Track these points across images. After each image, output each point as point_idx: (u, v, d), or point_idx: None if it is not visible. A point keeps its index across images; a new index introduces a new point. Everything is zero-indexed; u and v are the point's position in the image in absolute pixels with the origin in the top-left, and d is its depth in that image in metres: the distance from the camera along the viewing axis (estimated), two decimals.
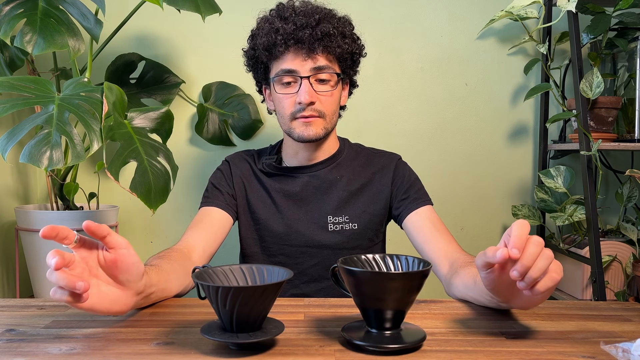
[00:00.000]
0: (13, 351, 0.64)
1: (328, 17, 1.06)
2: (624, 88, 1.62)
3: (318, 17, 1.04)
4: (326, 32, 1.03)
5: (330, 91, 1.07)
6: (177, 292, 0.88)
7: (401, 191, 1.13)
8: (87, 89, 1.20)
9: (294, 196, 1.12)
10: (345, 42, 1.07)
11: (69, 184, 1.45)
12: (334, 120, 1.10)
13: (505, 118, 1.79)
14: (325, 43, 1.04)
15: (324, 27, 1.03)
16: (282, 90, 1.06)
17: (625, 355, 0.61)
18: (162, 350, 0.64)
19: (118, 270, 0.69)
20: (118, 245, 0.68)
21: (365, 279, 0.64)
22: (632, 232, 1.56)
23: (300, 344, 0.66)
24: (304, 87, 1.03)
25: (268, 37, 1.05)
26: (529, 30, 1.72)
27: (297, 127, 1.06)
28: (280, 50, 1.04)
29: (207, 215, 1.09)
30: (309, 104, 1.04)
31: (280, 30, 1.03)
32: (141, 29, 1.73)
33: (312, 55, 1.04)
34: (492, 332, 0.72)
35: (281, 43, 1.03)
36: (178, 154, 1.66)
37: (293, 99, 1.05)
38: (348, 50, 1.08)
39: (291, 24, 1.03)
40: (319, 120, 1.06)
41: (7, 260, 1.60)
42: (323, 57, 1.05)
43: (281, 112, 1.09)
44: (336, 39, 1.05)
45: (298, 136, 1.07)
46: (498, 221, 1.80)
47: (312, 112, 1.05)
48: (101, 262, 0.68)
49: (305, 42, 1.02)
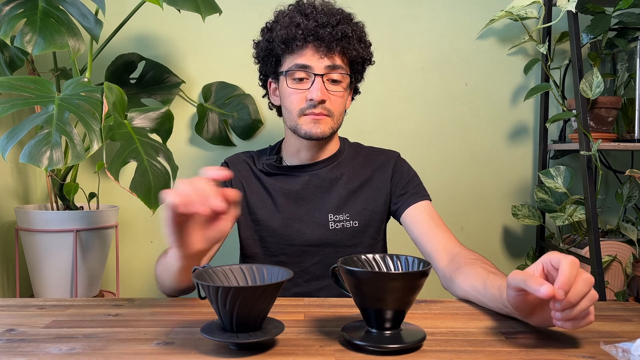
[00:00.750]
0: (13, 351, 0.64)
1: (347, 20, 1.08)
2: (624, 88, 1.62)
3: (339, 17, 1.06)
4: (345, 34, 1.04)
5: (341, 92, 1.08)
6: (187, 286, 0.89)
7: (400, 186, 1.13)
8: (87, 89, 1.20)
9: (294, 195, 1.13)
10: (360, 47, 1.08)
11: (69, 184, 1.45)
12: (340, 121, 1.11)
13: (505, 118, 1.79)
14: (343, 44, 1.05)
15: (344, 28, 1.04)
16: (294, 85, 1.07)
17: (625, 355, 0.61)
18: (162, 350, 0.64)
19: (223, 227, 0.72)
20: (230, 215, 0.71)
21: (365, 279, 0.64)
22: (632, 232, 1.56)
23: (300, 344, 0.66)
24: (317, 84, 1.04)
25: (288, 30, 1.05)
26: (529, 30, 1.72)
27: (305, 123, 1.06)
28: (299, 45, 1.05)
29: None
30: (320, 101, 1.04)
31: (301, 25, 1.04)
32: (141, 29, 1.73)
33: (329, 54, 1.05)
34: (492, 332, 0.72)
35: (301, 38, 1.04)
36: (178, 154, 1.66)
37: (303, 95, 1.06)
38: (361, 55, 1.09)
39: (312, 21, 1.04)
40: (328, 119, 1.07)
41: (7, 260, 1.60)
42: (339, 58, 1.06)
43: (289, 108, 1.08)
44: (353, 41, 1.06)
45: (305, 133, 1.06)
46: (498, 221, 1.80)
47: (322, 110, 1.05)
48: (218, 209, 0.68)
49: (325, 40, 1.03)
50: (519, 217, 1.68)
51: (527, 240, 1.81)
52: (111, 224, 1.53)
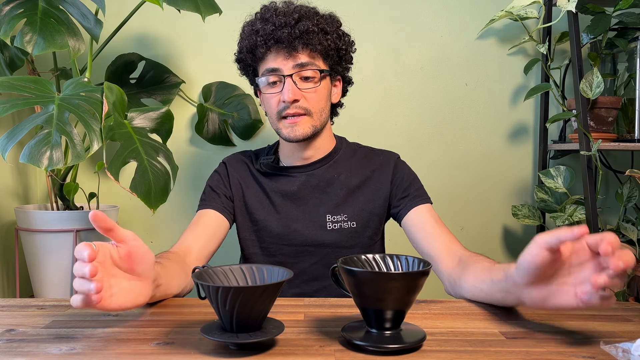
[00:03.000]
0: (13, 351, 0.64)
1: (308, 15, 1.06)
2: (624, 88, 1.62)
3: (297, 15, 1.04)
4: (305, 30, 1.03)
5: (314, 87, 1.07)
6: (177, 291, 0.89)
7: (400, 189, 1.12)
8: (87, 89, 1.20)
9: (291, 196, 1.13)
10: (327, 39, 1.06)
11: (69, 184, 1.45)
12: (322, 118, 1.10)
13: (505, 118, 1.79)
14: (305, 40, 1.04)
15: (303, 24, 1.03)
16: (268, 90, 1.07)
17: (625, 355, 0.61)
18: (162, 350, 0.64)
19: (134, 262, 0.69)
20: (127, 238, 0.68)
21: (365, 279, 0.64)
22: (632, 232, 1.56)
23: (300, 344, 0.66)
24: (287, 85, 1.04)
25: (249, 40, 1.06)
26: (529, 30, 1.72)
27: (284, 127, 1.07)
28: (262, 51, 1.05)
29: (204, 217, 1.08)
30: (293, 101, 1.04)
31: (260, 32, 1.04)
32: (141, 29, 1.73)
33: (293, 53, 1.04)
34: (492, 332, 0.72)
35: (261, 44, 1.04)
36: (178, 154, 1.66)
37: (278, 98, 1.06)
38: (332, 47, 1.08)
39: (270, 25, 1.04)
40: (306, 118, 1.06)
41: (7, 260, 1.60)
42: (305, 55, 1.05)
43: (269, 113, 1.10)
44: (317, 35, 1.05)
45: (285, 136, 1.07)
46: (498, 221, 1.80)
47: (297, 109, 1.05)
48: (116, 260, 0.68)
49: (284, 41, 1.03)
50: (519, 217, 1.68)
51: (527, 241, 1.79)
52: None
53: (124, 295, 0.67)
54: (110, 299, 0.64)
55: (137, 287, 0.70)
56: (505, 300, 0.78)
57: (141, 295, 0.70)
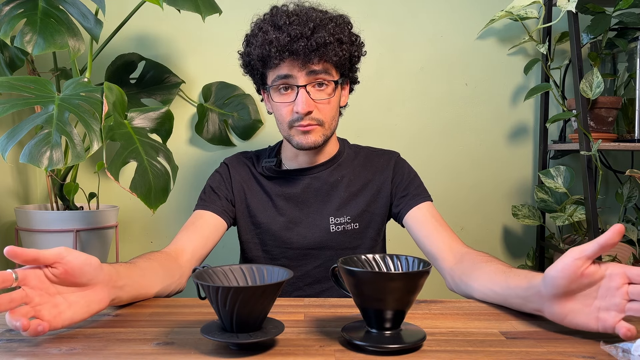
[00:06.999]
0: (13, 351, 0.64)
1: (323, 24, 1.02)
2: (624, 88, 1.62)
3: (313, 25, 1.00)
4: (322, 42, 1.00)
5: (327, 99, 1.04)
6: (158, 290, 0.88)
7: (401, 188, 1.12)
8: (87, 89, 1.20)
9: (295, 198, 1.12)
10: (342, 49, 1.03)
11: (69, 184, 1.45)
12: (333, 126, 1.08)
13: (505, 118, 1.79)
14: (321, 53, 1.00)
15: (320, 36, 1.00)
16: (280, 99, 1.04)
17: (625, 355, 0.61)
18: (162, 350, 0.64)
19: (74, 277, 0.68)
20: (56, 257, 0.66)
21: (365, 279, 0.64)
22: (632, 232, 1.56)
23: (300, 344, 0.66)
24: (300, 97, 1.01)
25: (262, 49, 1.02)
26: (529, 30, 1.72)
27: (296, 135, 1.04)
28: (276, 63, 1.02)
29: (201, 218, 1.07)
30: (307, 113, 1.02)
31: (274, 42, 1.00)
32: (141, 29, 1.73)
33: (308, 64, 1.01)
34: (492, 332, 0.72)
35: (276, 55, 1.00)
36: (178, 154, 1.66)
37: (291, 108, 1.03)
38: (346, 56, 1.05)
39: (285, 35, 0.99)
40: (318, 128, 1.04)
41: (7, 260, 1.59)
42: (320, 65, 1.02)
43: (279, 120, 1.07)
44: (333, 46, 1.01)
45: (297, 144, 1.05)
46: (498, 221, 1.80)
47: (310, 121, 1.03)
48: (52, 279, 0.67)
49: (301, 54, 1.00)
50: (519, 217, 1.68)
51: (527, 241, 1.81)
52: (111, 224, 1.53)
53: (73, 309, 0.68)
54: (59, 317, 0.65)
55: (88, 296, 0.70)
56: (522, 308, 0.78)
57: (93, 302, 0.70)
